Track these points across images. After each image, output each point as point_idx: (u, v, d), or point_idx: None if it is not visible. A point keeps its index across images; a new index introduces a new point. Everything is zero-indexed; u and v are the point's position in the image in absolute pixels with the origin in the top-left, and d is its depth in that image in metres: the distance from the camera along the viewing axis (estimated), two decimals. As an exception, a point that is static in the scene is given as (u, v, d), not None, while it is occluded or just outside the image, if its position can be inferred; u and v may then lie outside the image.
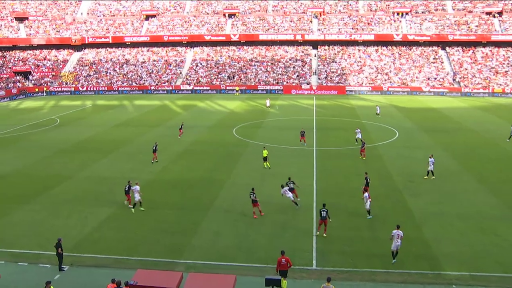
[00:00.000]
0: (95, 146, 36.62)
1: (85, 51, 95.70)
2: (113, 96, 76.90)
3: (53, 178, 28.09)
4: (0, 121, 50.78)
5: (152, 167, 29.67)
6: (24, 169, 30.13)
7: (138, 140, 39.12)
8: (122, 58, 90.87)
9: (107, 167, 30.37)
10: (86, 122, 49.24)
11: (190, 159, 32.44)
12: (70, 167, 30.48)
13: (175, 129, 43.91)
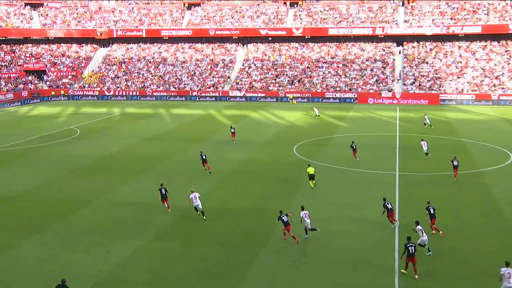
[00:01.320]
0: (122, 164, 37.58)
1: (112, 46, 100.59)
2: (146, 103, 79.64)
3: (69, 202, 28.86)
4: (7, 131, 54.20)
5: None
6: (35, 191, 31.23)
7: (175, 158, 39.80)
8: (158, 56, 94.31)
9: (136, 190, 30.88)
10: (112, 134, 50.97)
11: (239, 183, 32.43)
12: (90, 189, 31.30)
13: (222, 145, 44.33)
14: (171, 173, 35.02)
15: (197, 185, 31.62)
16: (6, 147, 44.50)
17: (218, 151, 41.80)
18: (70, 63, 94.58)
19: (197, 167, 36.36)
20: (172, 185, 31.26)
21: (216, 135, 49.47)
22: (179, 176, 34.11)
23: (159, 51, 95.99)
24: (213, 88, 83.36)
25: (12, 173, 35.31)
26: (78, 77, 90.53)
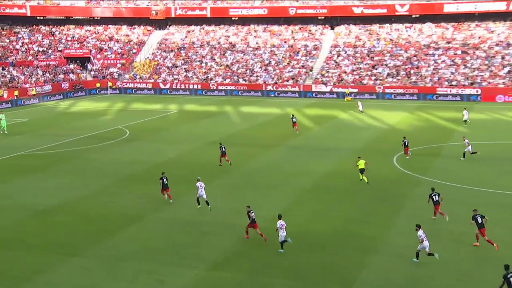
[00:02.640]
0: (179, 173, 38.43)
1: (170, 29, 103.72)
2: (210, 99, 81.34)
3: (115, 218, 29.84)
4: (44, 129, 57.06)
5: (266, 210, 30.02)
6: (74, 203, 32.48)
7: (244, 167, 40.27)
8: (225, 42, 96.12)
9: (195, 206, 31.49)
10: (168, 136, 52.38)
11: (322, 200, 32.25)
12: (140, 203, 32.20)
13: (300, 152, 44.34)
14: (238, 186, 35.41)
15: (271, 202, 31.83)
16: (43, 150, 46.95)
17: (296, 160, 41.87)
18: (119, 49, 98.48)
19: (270, 179, 36.55)
20: (239, 200, 31.58)
21: (293, 140, 49.51)
22: (248, 190, 34.42)
23: (227, 34, 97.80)
24: (292, 81, 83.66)
25: (49, 182, 37.11)
26: (128, 66, 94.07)
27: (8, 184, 36.62)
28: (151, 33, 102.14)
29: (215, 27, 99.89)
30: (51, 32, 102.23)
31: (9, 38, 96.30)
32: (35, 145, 48.23)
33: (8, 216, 29.99)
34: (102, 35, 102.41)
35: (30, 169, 40.30)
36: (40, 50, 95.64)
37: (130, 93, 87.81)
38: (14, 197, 33.56)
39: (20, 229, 28.28)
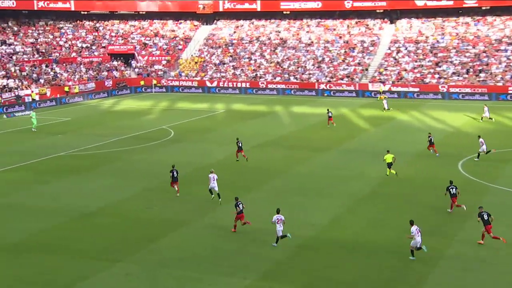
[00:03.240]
0: (225, 177, 38.60)
1: (217, 24, 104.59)
2: (260, 98, 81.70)
3: (159, 223, 30.38)
4: (86, 129, 58.35)
5: (316, 218, 30.05)
6: (117, 206, 33.28)
7: (294, 171, 40.39)
8: (275, 37, 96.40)
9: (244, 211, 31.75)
10: (214, 137, 52.95)
11: (378, 208, 32.09)
12: (185, 208, 32.71)
13: (355, 156, 44.21)
14: (287, 191, 35.52)
15: (322, 209, 31.85)
16: (85, 150, 48.12)
17: (350, 164, 41.76)
18: (164, 45, 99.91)
19: (322, 184, 36.51)
20: (288, 207, 31.68)
21: (348, 143, 49.29)
22: (298, 195, 34.54)
23: (277, 29, 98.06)
24: (347, 79, 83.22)
25: (92, 183, 38.04)
26: (173, 63, 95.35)
27: (51, 185, 37.74)
28: (198, 28, 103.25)
29: (265, 21, 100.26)
30: (95, 28, 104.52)
31: (53, 34, 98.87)
32: (77, 145, 49.47)
33: (51, 219, 30.88)
34: (147, 30, 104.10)
35: (73, 170, 41.38)
36: (84, 46, 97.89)
37: (176, 91, 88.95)
38: (57, 199, 34.56)
39: (63, 233, 29.08)
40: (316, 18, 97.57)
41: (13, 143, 51.48)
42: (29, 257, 25.96)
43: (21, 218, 31.28)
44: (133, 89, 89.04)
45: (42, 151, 47.57)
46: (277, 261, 25.36)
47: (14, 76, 78.71)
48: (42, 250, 26.77)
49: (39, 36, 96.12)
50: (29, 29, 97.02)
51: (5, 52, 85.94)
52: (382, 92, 77.46)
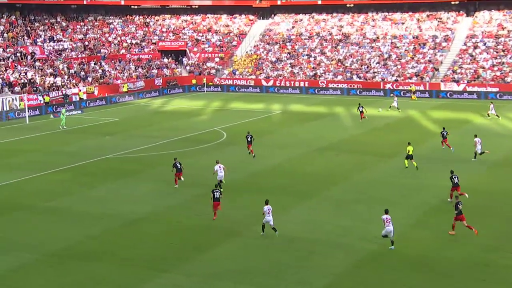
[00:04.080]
0: (280, 184, 38.82)
1: (275, 18, 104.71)
2: (318, 98, 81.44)
3: (209, 232, 30.50)
4: (135, 130, 59.26)
5: (379, 229, 29.66)
6: (167, 213, 33.51)
7: (356, 179, 40.03)
8: (337, 32, 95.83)
9: (300, 221, 31.67)
10: (270, 141, 52.99)
11: (450, 220, 31.34)
12: (239, 216, 32.78)
13: (423, 162, 43.49)
14: (348, 200, 35.24)
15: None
16: (133, 153, 48.77)
17: (418, 172, 41.13)
18: (218, 41, 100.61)
19: (386, 194, 36.14)
20: (349, 217, 31.36)
21: (416, 149, 48.21)
22: (360, 205, 34.21)
23: (340, 24, 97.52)
24: (416, 78, 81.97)
25: (139, 188, 38.51)
26: (227, 60, 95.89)
27: (97, 189, 38.40)
28: (254, 23, 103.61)
29: (326, 15, 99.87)
30: (146, 23, 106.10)
31: (102, 30, 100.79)
32: (125, 147, 50.20)
33: (98, 225, 31.39)
34: (200, 25, 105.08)
35: (120, 173, 42.02)
36: (134, 43, 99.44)
37: (229, 90, 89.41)
38: (103, 204, 35.13)
39: (109, 239, 29.55)
40: (382, 11, 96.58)
41: (59, 144, 52.62)
42: (74, 264, 26.44)
43: (67, 223, 31.90)
44: (185, 88, 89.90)
45: (89, 152, 48.48)
46: (337, 276, 25.10)
47: (62, 74, 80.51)
48: (88, 257, 27.22)
49: (88, 32, 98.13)
50: (78, 25, 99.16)
51: (53, 49, 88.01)
52: (414, 92, 76.68)
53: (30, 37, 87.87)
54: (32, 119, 65.51)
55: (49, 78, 77.61)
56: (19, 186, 39.20)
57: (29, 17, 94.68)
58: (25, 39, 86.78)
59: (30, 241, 29.07)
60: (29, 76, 76.79)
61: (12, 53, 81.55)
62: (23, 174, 41.87)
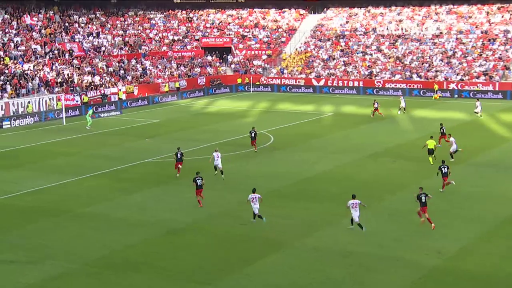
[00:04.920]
0: (331, 191, 38.62)
1: (327, 13, 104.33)
2: (374, 99, 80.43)
3: (253, 243, 30.39)
4: (176, 133, 59.61)
5: (442, 243, 29.23)
6: (208, 222, 33.54)
7: (414, 186, 39.10)
8: (396, 28, 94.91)
9: (351, 232, 31.42)
10: (319, 145, 52.80)
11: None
12: (284, 226, 32.59)
13: (492, 171, 42.93)
14: (406, 210, 34.62)
15: (449, 234, 30.93)
16: (170, 157, 48.88)
17: (484, 181, 40.43)
18: (265, 38, 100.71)
19: (448, 204, 35.61)
20: (404, 228, 30.96)
21: (484, 155, 47.92)
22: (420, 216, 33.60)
23: (399, 18, 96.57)
24: (484, 78, 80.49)
25: (179, 195, 38.60)
26: (275, 58, 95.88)
27: (136, 195, 38.69)
28: (304, 17, 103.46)
29: (384, 9, 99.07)
30: (188, 18, 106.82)
31: (142, 25, 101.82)
32: (166, 150, 50.45)
33: (136, 234, 31.59)
34: (246, 20, 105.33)
35: (160, 178, 42.30)
36: (176, 39, 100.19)
37: (277, 90, 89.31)
38: (142, 211, 35.38)
39: (148, 249, 29.66)
40: (447, 3, 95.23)
41: (97, 147, 53.28)
42: (112, 274, 26.66)
43: (105, 231, 32.21)
44: (229, 88, 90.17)
45: (128, 156, 48.95)
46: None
47: (101, 73, 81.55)
48: (126, 267, 27.40)
49: (128, 27, 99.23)
50: (117, 20, 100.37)
51: (91, 46, 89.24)
52: (436, 91, 76.40)
53: (68, 33, 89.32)
54: (69, 120, 66.53)
55: (87, 77, 78.71)
56: (56, 191, 39.79)
57: (67, 12, 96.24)
58: (63, 35, 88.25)
59: (67, 249, 29.41)
60: (67, 74, 77.95)
61: (50, 50, 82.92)
62: (60, 178, 42.50)
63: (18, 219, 34.01)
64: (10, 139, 57.46)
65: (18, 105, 67.36)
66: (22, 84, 72.02)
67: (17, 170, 45.43)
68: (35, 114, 67.22)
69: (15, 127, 63.65)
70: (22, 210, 35.68)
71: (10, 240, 30.61)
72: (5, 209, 35.97)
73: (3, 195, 38.44)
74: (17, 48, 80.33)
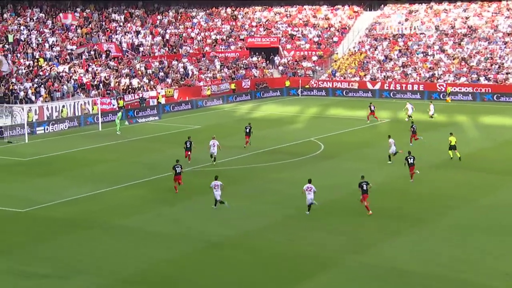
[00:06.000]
0: (387, 205, 38.31)
1: (384, 9, 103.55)
2: (436, 104, 79.46)
3: (302, 260, 30.12)
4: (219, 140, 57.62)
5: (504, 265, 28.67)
6: (251, 236, 33.41)
7: (482, 201, 39.11)
8: (461, 25, 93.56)
9: (410, 250, 31.01)
10: (374, 154, 52.59)
11: None
12: (336, 243, 32.39)
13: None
14: (470, 227, 34.24)
15: None
16: (215, 166, 49.11)
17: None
18: (316, 37, 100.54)
19: None
20: (473, 249, 30.57)
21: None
22: (487, 234, 33.07)
23: (465, 15, 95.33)
24: None
25: (220, 207, 38.52)
26: (326, 59, 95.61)
27: (177, 206, 38.99)
28: (359, 15, 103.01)
29: (448, 5, 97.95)
30: (233, 16, 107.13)
31: (184, 24, 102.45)
32: (208, 159, 50.58)
33: (176, 248, 31.72)
34: (295, 18, 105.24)
35: (201, 189, 42.23)
36: (219, 38, 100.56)
37: (328, 95, 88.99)
38: (181, 224, 35.57)
39: (188, 264, 29.71)
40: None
41: (134, 155, 53.75)
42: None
43: (140, 244, 32.40)
44: (276, 92, 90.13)
45: (167, 165, 48.74)
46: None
47: (139, 75, 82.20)
48: (162, 283, 27.54)
49: (169, 26, 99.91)
50: (157, 17, 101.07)
51: (129, 46, 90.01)
52: (449, 93, 77.16)
53: (105, 33, 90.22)
54: (106, 126, 67.18)
55: (125, 80, 79.39)
56: (91, 201, 40.25)
57: (105, 10, 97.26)
58: (100, 35, 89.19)
59: (100, 263, 29.66)
60: (103, 77, 78.75)
61: (86, 51, 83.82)
62: (95, 187, 43.02)
63: (50, 230, 34.53)
64: (44, 146, 58.34)
65: (52, 109, 68.33)
66: (56, 87, 72.89)
67: (51, 178, 46.16)
68: (70, 118, 68.05)
69: (49, 133, 64.57)
70: (54, 221, 36.17)
71: (41, 253, 30.98)
72: (38, 220, 36.49)
73: (36, 205, 39.02)
74: (52, 49, 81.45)
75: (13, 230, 34.70)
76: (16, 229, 34.88)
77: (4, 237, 33.27)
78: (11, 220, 36.71)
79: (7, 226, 35.56)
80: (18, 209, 38.17)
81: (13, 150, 56.27)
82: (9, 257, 30.41)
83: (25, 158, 52.74)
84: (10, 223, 36.08)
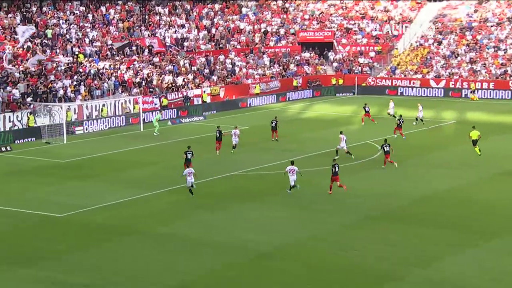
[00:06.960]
0: (451, 214, 37.96)
1: (450, 0, 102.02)
2: (508, 104, 79.47)
3: (358, 273, 29.89)
4: (268, 142, 59.32)
5: None
6: (301, 247, 33.20)
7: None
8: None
9: (476, 266, 30.66)
10: (439, 159, 52.31)
11: None
12: (397, 254, 32.12)
13: None
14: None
15: None
16: (262, 170, 49.45)
17: None
18: (374, 31, 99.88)
19: None
20: None
21: None
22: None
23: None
24: None
25: (267, 213, 38.75)
26: (385, 55, 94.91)
27: (221, 212, 39.08)
28: (422, 6, 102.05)
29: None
30: (284, 9, 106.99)
31: (232, 16, 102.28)
32: (255, 162, 50.66)
33: (220, 258, 31.68)
34: (352, 11, 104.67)
35: (247, 194, 42.57)
36: (269, 31, 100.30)
37: (386, 94, 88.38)
38: (227, 232, 35.65)
39: (232, 276, 29.63)
40: None
41: (177, 157, 53.66)
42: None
43: (182, 253, 32.52)
44: (330, 90, 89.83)
45: (211, 168, 49.20)
46: None
47: (183, 72, 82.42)
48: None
49: (215, 18, 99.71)
50: (204, 9, 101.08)
51: (173, 40, 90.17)
52: (474, 90, 76.73)
53: (148, 27, 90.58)
54: (147, 126, 67.54)
55: (168, 77, 79.61)
56: (131, 206, 40.63)
57: (148, 2, 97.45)
58: (142, 29, 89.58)
59: (138, 273, 29.78)
60: (145, 74, 79.07)
61: (128, 46, 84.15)
62: (135, 191, 43.33)
63: (87, 237, 34.89)
64: (83, 147, 58.98)
65: (92, 108, 68.95)
66: (96, 84, 73.13)
67: (89, 181, 46.70)
68: (110, 118, 68.61)
69: (89, 133, 65.23)
70: (92, 227, 36.56)
71: (77, 261, 31.26)
72: (75, 226, 36.88)
73: (73, 210, 39.46)
74: (92, 44, 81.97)
75: (50, 236, 35.17)
76: (53, 235, 35.30)
77: (41, 244, 33.70)
78: (48, 225, 37.21)
79: (44, 231, 36.10)
80: (56, 213, 38.64)
81: (51, 151, 57.02)
82: (45, 264, 30.70)
83: (63, 160, 53.38)
84: (47, 229, 36.57)
